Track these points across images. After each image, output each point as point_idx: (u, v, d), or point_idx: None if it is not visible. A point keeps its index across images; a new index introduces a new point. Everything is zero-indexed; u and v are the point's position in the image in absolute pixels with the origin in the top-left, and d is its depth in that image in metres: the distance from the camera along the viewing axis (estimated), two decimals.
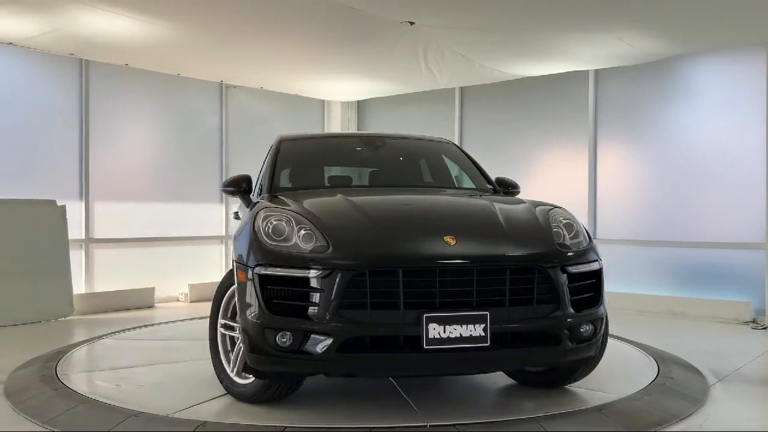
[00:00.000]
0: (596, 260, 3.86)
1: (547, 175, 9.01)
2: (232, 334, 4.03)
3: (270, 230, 3.63)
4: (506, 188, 5.03)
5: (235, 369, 3.96)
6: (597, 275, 3.83)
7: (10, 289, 6.91)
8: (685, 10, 6.17)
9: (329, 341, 3.31)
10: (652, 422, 3.71)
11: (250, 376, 3.80)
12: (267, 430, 3.48)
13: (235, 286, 3.75)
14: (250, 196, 4.84)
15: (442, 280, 3.39)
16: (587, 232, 4.04)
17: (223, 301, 4.11)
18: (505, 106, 9.41)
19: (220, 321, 4.12)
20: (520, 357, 3.63)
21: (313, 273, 3.37)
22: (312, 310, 3.35)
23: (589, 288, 3.78)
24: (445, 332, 3.30)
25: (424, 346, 3.29)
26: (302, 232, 3.58)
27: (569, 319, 3.57)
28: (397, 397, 4.07)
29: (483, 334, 3.34)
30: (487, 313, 3.37)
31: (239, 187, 4.75)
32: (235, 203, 6.18)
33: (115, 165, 8.39)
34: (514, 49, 7.56)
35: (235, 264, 3.80)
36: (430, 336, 3.29)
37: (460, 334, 3.32)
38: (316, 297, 3.35)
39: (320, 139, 5.82)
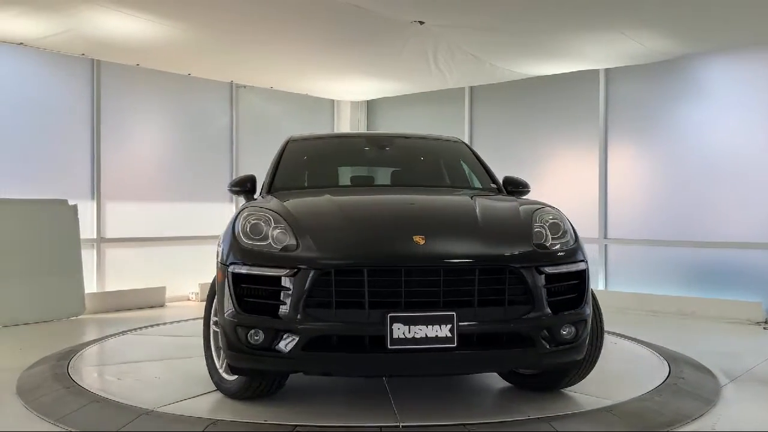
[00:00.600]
0: (581, 261, 3.74)
1: (557, 175, 8.99)
2: None
3: (248, 229, 3.68)
4: (516, 187, 4.91)
5: (223, 366, 4.00)
6: (581, 276, 3.70)
7: (23, 288, 6.96)
8: (696, 9, 6.14)
9: (296, 339, 3.34)
10: (663, 423, 3.69)
11: None
12: (276, 429, 3.49)
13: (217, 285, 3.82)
14: (254, 195, 4.87)
15: (408, 280, 3.35)
16: (574, 233, 3.90)
17: (215, 300, 4.14)
18: (516, 105, 9.40)
19: (212, 319, 4.15)
20: (491, 359, 3.52)
21: (281, 272, 3.41)
22: (281, 308, 3.38)
23: (572, 289, 3.65)
24: (410, 332, 3.26)
25: (389, 346, 3.26)
26: (276, 231, 3.63)
27: (545, 321, 3.46)
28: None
29: (449, 334, 3.28)
30: (454, 313, 3.29)
31: (244, 186, 4.83)
32: None
33: (126, 165, 8.43)
34: (525, 48, 7.55)
35: (217, 263, 3.87)
36: (395, 336, 3.26)
37: (426, 335, 3.27)
38: (284, 295, 3.38)
39: (326, 140, 5.76)
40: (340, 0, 5.93)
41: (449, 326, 3.28)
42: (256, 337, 3.42)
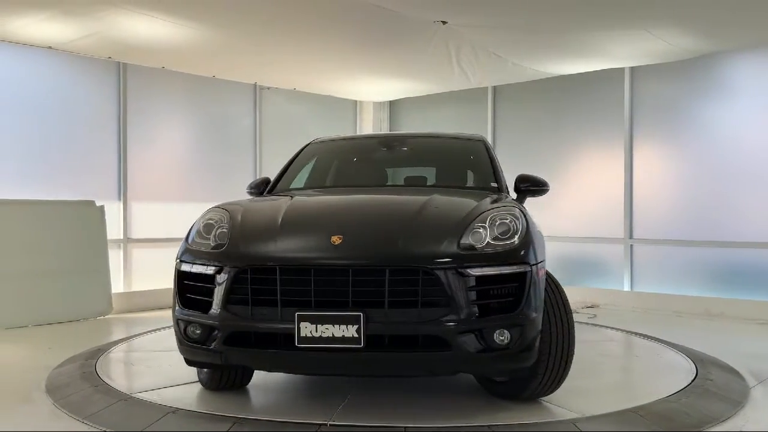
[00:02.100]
0: (522, 263, 3.49)
1: (582, 175, 8.93)
2: None
3: (201, 228, 3.88)
4: (531, 186, 4.75)
5: None
6: (519, 279, 3.47)
7: (51, 288, 7.06)
8: (724, 6, 6.06)
9: (219, 334, 3.50)
10: (691, 424, 3.65)
11: None
12: (302, 429, 3.51)
13: None
14: None
15: (318, 279, 3.39)
16: (528, 234, 3.64)
17: None
18: (539, 105, 9.34)
19: None
20: (403, 362, 3.42)
21: (208, 270, 3.59)
22: (211, 304, 3.54)
23: (509, 292, 3.46)
24: (317, 331, 3.30)
25: (296, 344, 3.32)
26: (219, 230, 3.78)
27: (464, 324, 3.31)
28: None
29: (356, 335, 3.27)
30: (361, 314, 3.27)
31: (259, 188, 5.03)
32: None
33: (152, 166, 8.53)
34: (549, 47, 7.51)
35: None
36: (302, 334, 3.31)
37: (333, 334, 3.29)
38: (211, 292, 3.55)
39: (340, 142, 5.76)
40: (363, 1, 5.95)
41: (356, 327, 3.27)
42: (196, 332, 3.61)
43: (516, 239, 3.57)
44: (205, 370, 4.10)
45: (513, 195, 4.81)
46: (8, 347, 5.85)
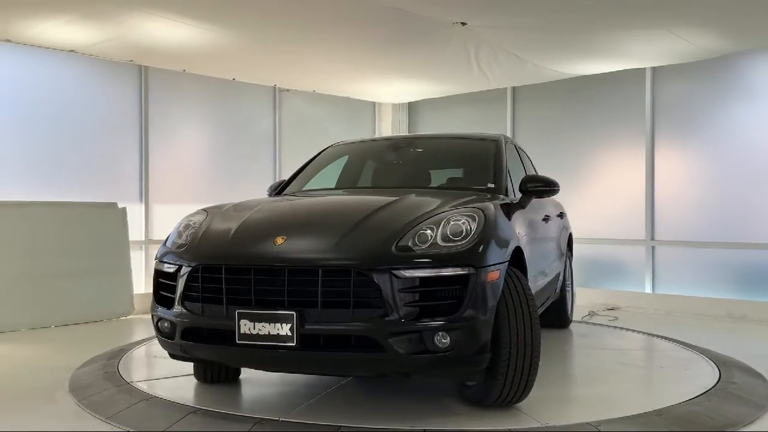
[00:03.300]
0: (466, 265, 3.40)
1: (603, 176, 8.87)
2: None
3: (181, 228, 4.07)
4: (538, 186, 4.66)
5: None
6: (462, 282, 3.39)
7: (74, 288, 7.14)
8: (748, 5, 5.99)
9: (177, 329, 3.72)
10: (713, 427, 3.62)
11: None
12: (322, 429, 3.52)
13: None
14: None
15: (258, 279, 3.50)
16: (477, 236, 3.52)
17: None
18: (559, 105, 9.30)
19: None
20: (335, 362, 3.47)
21: (171, 268, 3.81)
22: (174, 301, 3.75)
23: (452, 295, 3.39)
24: (254, 329, 3.43)
25: (237, 341, 3.47)
26: (191, 230, 3.98)
27: (395, 326, 3.30)
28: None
29: (289, 333, 3.37)
30: (294, 313, 3.36)
31: (276, 190, 5.25)
32: None
33: (173, 168, 8.60)
34: (568, 47, 7.47)
35: None
36: (242, 331, 3.45)
37: (268, 332, 3.41)
38: (174, 289, 3.76)
39: (354, 144, 5.81)
40: (383, 2, 5.96)
41: (289, 325, 3.37)
42: (166, 327, 3.81)
43: (465, 241, 3.50)
44: (193, 364, 4.33)
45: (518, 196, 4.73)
46: (32, 347, 5.93)
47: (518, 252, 3.99)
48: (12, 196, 7.14)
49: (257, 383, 4.45)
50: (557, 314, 6.48)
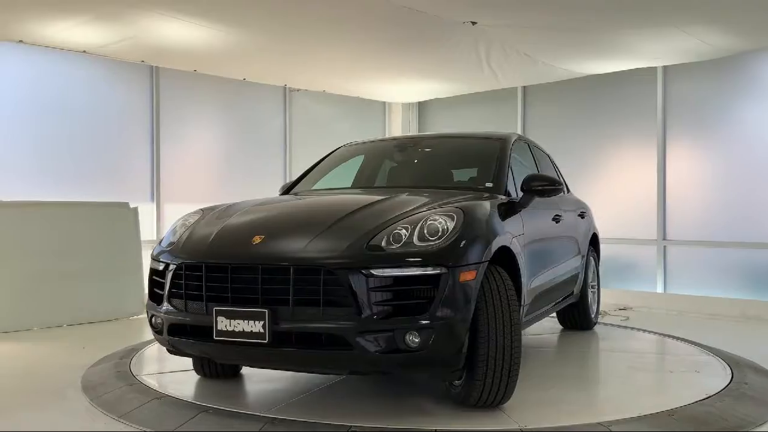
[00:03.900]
0: (438, 265, 3.39)
1: (614, 176, 8.83)
2: None
3: (177, 227, 4.19)
4: (541, 184, 4.62)
5: None
6: (433, 281, 3.38)
7: (86, 288, 7.18)
8: (757, 2, 5.95)
9: (164, 325, 3.85)
10: (726, 427, 3.60)
11: None
12: (333, 429, 3.53)
13: None
14: None
15: (234, 277, 3.59)
16: (453, 236, 3.51)
17: None
18: (570, 105, 9.27)
19: None
20: (306, 359, 3.53)
21: (160, 266, 3.94)
22: (162, 297, 3.87)
23: (423, 294, 3.38)
24: (230, 326, 3.52)
25: (214, 337, 3.58)
26: (183, 229, 4.11)
27: (363, 324, 3.32)
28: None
29: (262, 330, 3.44)
30: (266, 310, 3.43)
31: (286, 190, 5.35)
32: None
33: (184, 168, 8.64)
34: (579, 46, 7.44)
35: None
36: (219, 328, 3.55)
37: (243, 329, 3.50)
38: (163, 286, 3.87)
39: (364, 145, 5.81)
40: (393, 2, 5.96)
41: (262, 323, 3.45)
42: (157, 322, 3.92)
43: (440, 240, 3.49)
44: (192, 359, 4.43)
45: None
46: (44, 346, 5.96)
47: (505, 251, 3.94)
48: (25, 195, 7.19)
49: (267, 379, 4.46)
50: (579, 316, 6.33)
